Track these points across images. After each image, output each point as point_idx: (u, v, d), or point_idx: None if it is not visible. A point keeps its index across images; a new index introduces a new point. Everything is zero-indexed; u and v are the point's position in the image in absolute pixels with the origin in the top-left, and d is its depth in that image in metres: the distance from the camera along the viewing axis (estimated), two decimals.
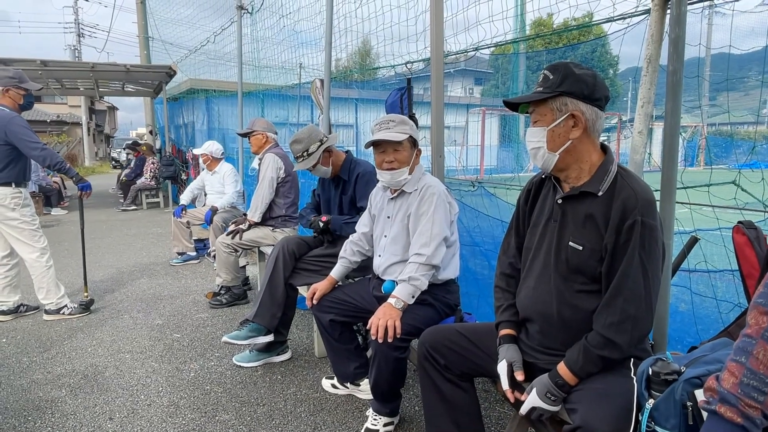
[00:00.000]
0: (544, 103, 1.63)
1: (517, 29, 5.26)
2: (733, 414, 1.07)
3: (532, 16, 5.73)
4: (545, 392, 1.59)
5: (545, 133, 1.63)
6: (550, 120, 1.62)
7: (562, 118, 1.61)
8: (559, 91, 1.59)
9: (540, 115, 1.65)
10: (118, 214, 10.38)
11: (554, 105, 1.61)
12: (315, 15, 5.12)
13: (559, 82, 1.60)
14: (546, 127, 1.63)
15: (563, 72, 1.60)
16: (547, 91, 1.61)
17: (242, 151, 7.20)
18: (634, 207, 1.52)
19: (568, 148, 1.63)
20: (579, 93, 1.60)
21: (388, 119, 2.42)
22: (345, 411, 2.63)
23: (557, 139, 1.62)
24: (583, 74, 1.61)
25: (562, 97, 1.60)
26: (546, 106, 1.63)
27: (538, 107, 1.65)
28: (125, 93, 13.16)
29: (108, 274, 5.48)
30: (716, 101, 5.97)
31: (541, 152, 1.65)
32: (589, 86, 1.61)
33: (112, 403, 2.74)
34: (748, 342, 1.11)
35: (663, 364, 1.34)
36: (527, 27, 6.06)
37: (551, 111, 1.62)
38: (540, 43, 13.61)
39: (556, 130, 1.62)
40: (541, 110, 1.64)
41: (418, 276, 2.26)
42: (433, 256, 2.29)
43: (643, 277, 1.53)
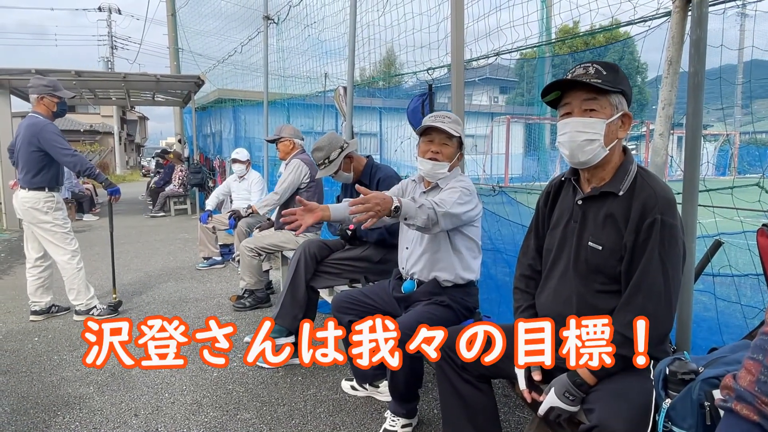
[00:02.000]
0: (606, 95, 1.61)
1: (542, 35, 5.25)
2: (750, 412, 1.06)
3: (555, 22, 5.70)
4: (563, 392, 1.58)
5: (605, 126, 1.60)
6: (609, 114, 1.61)
7: (618, 114, 1.62)
8: (621, 89, 1.60)
9: (600, 107, 1.61)
10: (146, 220, 10.62)
11: (614, 101, 1.61)
12: (339, 24, 5.20)
13: (619, 80, 1.61)
14: (606, 120, 1.60)
15: (619, 72, 1.61)
16: (608, 84, 1.59)
17: (267, 159, 7.32)
18: (654, 206, 1.51)
19: (613, 147, 1.63)
20: (629, 96, 1.62)
21: (444, 115, 2.40)
22: (364, 412, 2.65)
23: (611, 134, 1.62)
24: (627, 80, 1.63)
25: (620, 96, 1.62)
26: (607, 99, 1.61)
27: (600, 98, 1.61)
28: (155, 102, 13.49)
29: (136, 277, 5.61)
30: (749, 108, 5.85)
31: (596, 145, 1.60)
32: (631, 91, 1.63)
33: (137, 401, 2.81)
34: (765, 340, 1.10)
35: (680, 363, 1.33)
36: (553, 34, 6.04)
37: (611, 106, 1.61)
38: (566, 50, 13.55)
39: (612, 126, 1.61)
40: (602, 102, 1.61)
41: (426, 212, 2.06)
42: (444, 216, 2.13)
43: (663, 275, 1.52)
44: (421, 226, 2.09)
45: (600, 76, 1.58)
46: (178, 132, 14.89)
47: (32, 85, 3.87)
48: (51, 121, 3.91)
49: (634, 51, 17.42)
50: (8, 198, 9.10)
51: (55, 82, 3.94)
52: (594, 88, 1.58)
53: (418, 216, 2.03)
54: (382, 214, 1.92)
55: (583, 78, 1.59)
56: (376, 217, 1.91)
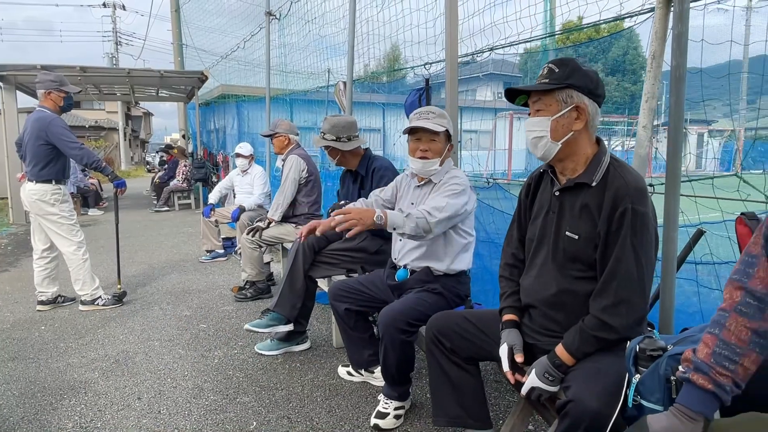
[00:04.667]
0: (551, 93, 1.69)
1: (546, 29, 5.28)
2: (705, 381, 1.14)
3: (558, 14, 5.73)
4: (544, 373, 1.66)
5: (549, 123, 1.69)
6: (555, 110, 1.69)
7: (567, 109, 1.68)
8: (567, 83, 1.67)
9: (545, 105, 1.71)
10: (151, 214, 10.73)
11: (560, 96, 1.68)
12: (339, 20, 5.28)
13: (567, 75, 1.67)
14: (551, 117, 1.69)
15: (571, 66, 1.68)
16: (554, 83, 1.68)
17: (269, 154, 7.41)
18: (625, 195, 1.59)
19: (569, 140, 1.70)
20: (585, 87, 1.68)
21: (428, 110, 2.47)
22: (359, 396, 2.74)
23: (561, 129, 1.69)
24: (589, 71, 1.69)
25: (569, 89, 1.67)
26: (552, 96, 1.69)
27: (544, 98, 1.71)
28: (159, 98, 13.59)
29: (140, 269, 5.72)
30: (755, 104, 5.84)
31: (544, 141, 1.71)
32: (593, 82, 1.69)
33: (140, 385, 2.91)
34: (722, 315, 1.18)
35: (649, 341, 1.41)
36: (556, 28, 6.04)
37: (557, 102, 1.69)
38: (569, 44, 13.54)
39: (560, 121, 1.69)
40: (547, 101, 1.70)
41: (414, 221, 2.20)
42: (437, 224, 2.26)
43: (635, 261, 1.59)
44: (411, 234, 2.23)
45: (550, 75, 1.66)
46: (182, 128, 15.01)
47: (39, 80, 3.96)
48: (58, 115, 4.00)
49: (638, 46, 17.40)
50: (15, 192, 9.24)
51: (61, 77, 4.04)
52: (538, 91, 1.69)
53: (405, 225, 2.19)
54: (364, 225, 2.09)
55: (539, 79, 1.69)
56: (360, 227, 2.09)
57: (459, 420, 2.01)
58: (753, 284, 1.14)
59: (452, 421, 2.03)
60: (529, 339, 1.85)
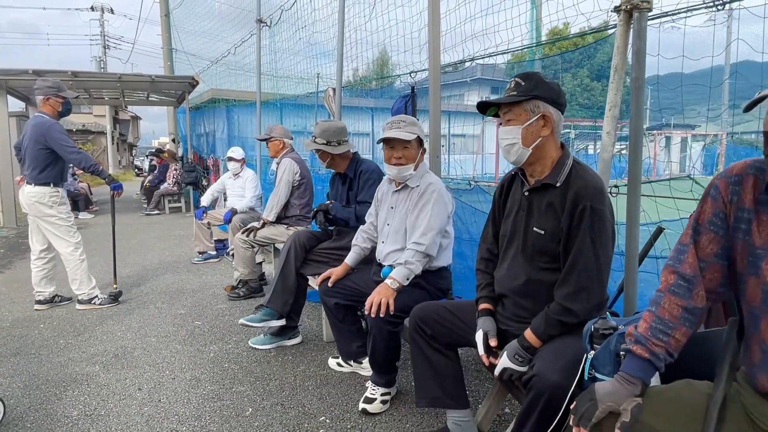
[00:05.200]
0: (519, 105, 1.88)
1: (533, 38, 5.46)
2: (643, 351, 1.33)
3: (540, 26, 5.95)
4: (514, 354, 1.85)
5: (520, 131, 1.88)
6: (525, 119, 1.88)
7: (534, 118, 1.87)
8: (533, 95, 1.87)
9: (515, 115, 1.90)
10: (141, 218, 10.82)
11: (528, 107, 1.88)
12: (329, 28, 5.46)
13: (533, 87, 1.87)
14: (521, 126, 1.88)
15: (536, 80, 1.88)
16: (522, 95, 1.88)
17: (260, 158, 7.56)
18: (585, 194, 1.78)
19: (538, 145, 1.89)
20: (549, 98, 1.87)
21: (399, 119, 2.69)
22: (348, 385, 2.92)
23: (530, 136, 1.89)
24: (551, 83, 1.89)
25: (535, 100, 1.87)
26: (521, 107, 1.88)
27: (514, 108, 1.90)
28: (149, 102, 13.67)
29: (134, 270, 5.85)
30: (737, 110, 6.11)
31: (516, 147, 1.90)
32: (556, 93, 1.89)
33: (140, 377, 3.06)
34: (658, 295, 1.38)
35: (602, 321, 1.60)
36: (543, 36, 6.21)
37: (525, 112, 1.88)
38: (555, 50, 13.84)
39: (530, 128, 1.88)
40: (516, 111, 1.89)
41: (414, 261, 2.55)
42: (429, 246, 2.57)
43: (594, 254, 1.79)
44: (424, 266, 2.61)
45: (517, 88, 1.85)
46: (171, 131, 15.08)
47: (38, 87, 4.10)
48: (56, 120, 4.15)
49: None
50: (5, 196, 9.30)
51: (59, 83, 4.18)
52: (506, 102, 1.87)
53: (412, 271, 2.57)
54: (390, 296, 2.49)
55: (507, 92, 1.89)
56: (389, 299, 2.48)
57: (439, 401, 2.20)
58: (683, 268, 1.34)
59: (433, 401, 2.21)
60: (502, 325, 2.04)
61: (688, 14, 2.15)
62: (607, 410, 1.30)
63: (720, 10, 2.04)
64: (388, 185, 2.88)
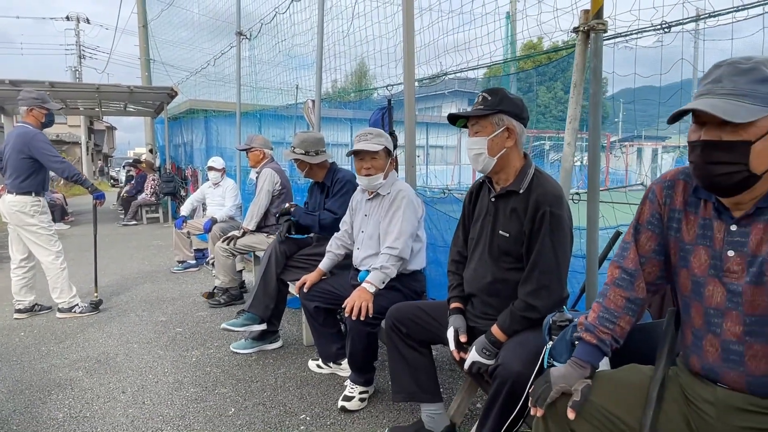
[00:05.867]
0: (486, 118, 2.05)
1: (507, 52, 5.64)
2: (591, 338, 1.50)
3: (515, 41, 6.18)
4: (482, 349, 2.01)
5: (486, 142, 2.05)
6: (490, 131, 2.05)
7: (499, 130, 2.04)
8: (498, 109, 2.03)
9: (482, 127, 2.06)
10: (119, 228, 10.77)
11: (494, 120, 2.04)
12: (307, 43, 5.62)
13: (498, 102, 2.03)
14: (487, 137, 2.05)
15: (501, 95, 2.05)
16: (488, 109, 2.04)
17: (239, 168, 7.65)
18: (545, 200, 1.95)
19: (502, 155, 2.06)
20: (512, 112, 2.04)
21: (367, 132, 2.86)
22: (327, 385, 3.04)
23: (495, 147, 2.05)
24: (515, 98, 2.06)
25: (500, 114, 2.04)
26: (487, 120, 2.05)
27: (481, 121, 2.06)
28: (126, 113, 13.64)
29: (113, 280, 5.87)
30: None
31: (483, 157, 2.06)
32: (519, 107, 2.06)
33: (124, 381, 3.13)
34: (605, 288, 1.54)
35: (559, 314, 1.76)
36: (518, 50, 6.42)
37: (491, 124, 2.05)
38: (530, 64, 14.22)
39: (495, 140, 2.05)
40: (483, 123, 2.06)
41: (389, 266, 2.69)
42: (402, 250, 2.72)
43: (553, 254, 1.96)
44: (399, 270, 2.75)
45: (484, 102, 2.02)
46: (149, 142, 15.03)
47: (22, 97, 4.16)
48: (40, 130, 4.21)
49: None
50: None
51: (43, 95, 4.25)
52: (475, 116, 2.04)
53: (387, 275, 2.69)
54: (368, 299, 2.61)
55: (475, 106, 2.05)
56: (368, 302, 2.60)
57: (414, 395, 2.34)
58: (626, 263, 1.51)
59: (409, 396, 2.35)
60: (472, 323, 2.19)
61: (639, 35, 2.35)
62: (561, 391, 1.45)
63: (667, 32, 2.24)
64: (361, 194, 3.02)
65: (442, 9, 3.53)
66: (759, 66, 1.18)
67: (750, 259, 1.24)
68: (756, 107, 1.17)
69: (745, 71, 1.19)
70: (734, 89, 1.19)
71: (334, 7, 4.99)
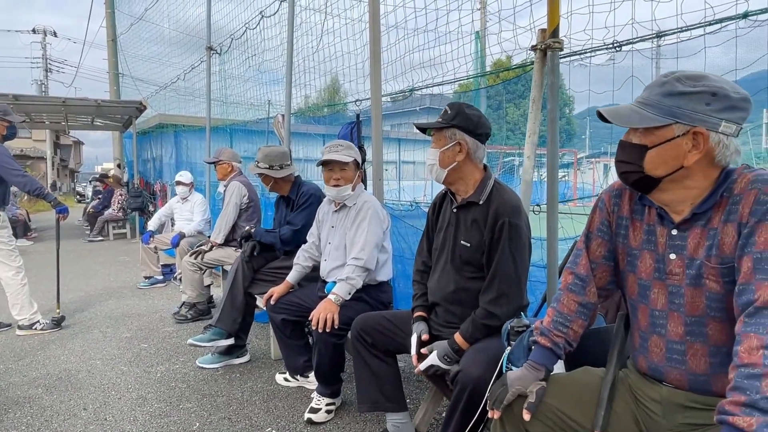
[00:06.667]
0: (441, 131, 2.12)
1: (477, 69, 5.75)
2: (545, 341, 1.55)
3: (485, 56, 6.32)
4: (443, 355, 2.05)
5: (438, 154, 2.12)
6: (443, 144, 2.11)
7: (451, 144, 2.10)
8: (452, 124, 2.10)
9: (437, 140, 2.13)
10: (85, 244, 10.52)
11: (447, 134, 2.11)
12: (278, 58, 5.67)
13: (453, 116, 2.10)
14: (439, 149, 2.12)
15: (457, 110, 2.12)
16: (443, 123, 2.11)
17: (209, 183, 7.59)
18: (504, 211, 2.02)
19: (454, 167, 2.12)
20: (465, 127, 2.11)
21: (337, 144, 2.90)
22: (295, 398, 3.02)
23: (446, 159, 2.12)
24: (471, 114, 2.13)
25: (452, 129, 2.11)
26: (442, 133, 2.12)
27: (437, 133, 2.13)
28: (94, 127, 13.43)
29: (77, 296, 5.74)
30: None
31: (435, 168, 2.13)
32: (474, 123, 2.12)
33: (85, 398, 3.06)
34: (559, 293, 1.60)
35: (517, 321, 1.81)
36: (487, 67, 6.55)
37: (445, 138, 2.12)
38: (498, 80, 14.52)
39: (446, 153, 2.11)
40: (438, 136, 2.13)
41: (354, 276, 2.72)
42: (368, 260, 2.75)
43: (513, 263, 2.02)
44: (365, 281, 2.77)
45: (443, 116, 2.09)
46: (117, 156, 14.80)
47: None
48: (1, 143, 4.12)
49: (562, 85, 18.58)
50: None
51: (5, 106, 4.17)
52: (434, 127, 2.10)
53: (353, 286, 2.72)
54: (334, 311, 2.62)
55: (438, 118, 2.12)
56: (334, 314, 2.61)
57: (379, 404, 2.36)
58: (578, 269, 1.57)
59: (373, 405, 2.36)
60: (435, 331, 2.23)
61: (593, 54, 2.46)
62: (517, 393, 1.50)
63: (618, 50, 2.35)
64: (328, 206, 3.05)
65: (408, 27, 3.62)
66: (673, 81, 1.27)
67: (688, 262, 1.31)
68: (654, 116, 1.27)
69: (662, 84, 1.29)
70: (646, 99, 1.31)
71: (304, 23, 5.07)
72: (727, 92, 1.23)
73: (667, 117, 1.26)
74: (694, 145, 1.25)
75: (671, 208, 1.35)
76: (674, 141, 1.27)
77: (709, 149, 1.25)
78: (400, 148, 16.76)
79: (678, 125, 1.26)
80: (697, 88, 1.24)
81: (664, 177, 1.30)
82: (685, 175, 1.29)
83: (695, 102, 1.24)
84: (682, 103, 1.25)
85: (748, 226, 1.20)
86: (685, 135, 1.25)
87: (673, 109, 1.26)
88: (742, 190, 1.23)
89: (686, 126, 1.25)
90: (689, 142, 1.25)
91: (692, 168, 1.27)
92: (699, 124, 1.24)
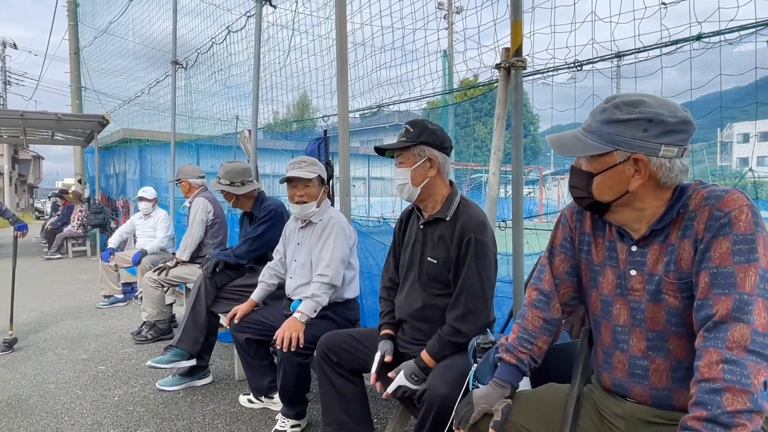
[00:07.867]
0: (408, 149, 2.11)
1: (445, 86, 5.79)
2: (511, 357, 1.54)
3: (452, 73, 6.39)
4: (410, 374, 2.02)
5: (409, 173, 2.11)
6: (413, 162, 2.11)
7: (421, 161, 2.10)
8: (419, 141, 2.10)
9: (405, 159, 2.12)
10: (42, 263, 10.14)
11: (416, 151, 2.10)
12: (244, 73, 5.63)
13: (419, 133, 2.10)
14: (410, 168, 2.11)
15: (421, 127, 2.11)
16: (410, 141, 2.11)
17: (173, 199, 7.43)
18: (470, 227, 2.02)
19: (426, 184, 2.12)
20: (433, 143, 2.11)
21: (301, 160, 2.87)
22: (259, 420, 2.94)
23: (418, 177, 2.11)
24: (435, 129, 2.13)
25: (421, 146, 2.10)
26: (409, 152, 2.11)
27: (404, 153, 2.13)
28: (54, 141, 13.02)
29: (32, 317, 5.50)
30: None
31: (407, 187, 2.12)
32: (440, 138, 2.13)
33: (36, 425, 2.91)
34: (524, 309, 1.60)
35: (483, 337, 1.80)
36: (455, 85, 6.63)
37: (413, 156, 2.11)
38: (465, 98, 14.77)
39: (418, 170, 2.11)
40: (406, 155, 2.12)
41: (320, 294, 2.67)
42: (334, 277, 2.71)
43: (479, 279, 2.01)
44: (331, 298, 2.73)
45: (406, 134, 2.08)
46: (78, 172, 14.38)
47: None
48: None
49: (527, 103, 19.15)
50: None
51: None
52: (398, 148, 2.10)
53: (319, 303, 2.67)
54: (299, 329, 2.57)
55: (399, 137, 2.11)
56: (298, 332, 2.55)
57: (345, 425, 2.30)
58: (542, 285, 1.57)
59: (339, 427, 2.31)
60: (402, 349, 2.20)
61: (555, 72, 2.51)
62: (482, 412, 1.48)
63: (579, 70, 2.41)
64: (294, 223, 3.01)
65: (375, 44, 3.64)
66: (612, 108, 1.28)
67: (648, 277, 1.33)
68: (594, 144, 1.29)
69: (602, 111, 1.31)
70: (588, 126, 1.32)
71: (271, 38, 5.04)
72: (664, 117, 1.23)
73: (608, 144, 1.28)
74: (636, 170, 1.27)
75: (629, 227, 1.37)
76: (616, 168, 1.29)
77: (651, 173, 1.26)
78: (369, 164, 16.74)
79: (619, 152, 1.27)
80: (633, 115, 1.25)
81: (613, 201, 1.33)
82: (632, 199, 1.31)
83: (633, 129, 1.25)
84: (621, 130, 1.26)
85: (704, 241, 1.22)
86: (626, 161, 1.27)
87: (612, 136, 1.27)
88: (697, 206, 1.25)
89: (626, 153, 1.26)
90: (631, 167, 1.27)
91: (638, 192, 1.29)
92: (638, 150, 1.25)
